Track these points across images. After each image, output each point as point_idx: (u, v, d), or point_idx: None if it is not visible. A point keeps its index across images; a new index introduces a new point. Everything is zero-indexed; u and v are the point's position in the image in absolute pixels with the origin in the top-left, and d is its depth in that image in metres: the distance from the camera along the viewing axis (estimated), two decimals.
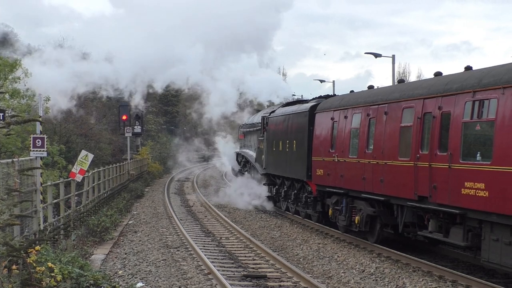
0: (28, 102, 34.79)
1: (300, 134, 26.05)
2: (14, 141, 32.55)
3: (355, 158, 20.70)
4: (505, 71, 14.36)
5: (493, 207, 14.03)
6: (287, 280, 16.09)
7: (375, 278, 16.42)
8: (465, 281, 15.25)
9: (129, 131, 53.05)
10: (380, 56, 40.61)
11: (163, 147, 77.01)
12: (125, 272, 17.02)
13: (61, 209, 22.25)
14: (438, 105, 16.29)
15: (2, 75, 37.54)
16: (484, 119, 14.61)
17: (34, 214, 17.91)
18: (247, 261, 18.67)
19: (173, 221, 27.59)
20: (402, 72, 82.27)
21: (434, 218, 16.69)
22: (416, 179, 16.99)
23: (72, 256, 15.21)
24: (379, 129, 19.28)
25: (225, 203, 35.63)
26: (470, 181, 14.72)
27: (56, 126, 46.17)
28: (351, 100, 22.05)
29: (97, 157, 45.16)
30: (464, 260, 17.96)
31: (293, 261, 19.00)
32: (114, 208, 28.95)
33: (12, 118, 13.21)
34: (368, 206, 19.99)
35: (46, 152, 19.21)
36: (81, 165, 22.75)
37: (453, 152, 15.40)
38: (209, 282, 15.70)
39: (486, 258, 14.59)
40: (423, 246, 19.91)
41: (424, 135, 16.93)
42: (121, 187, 40.11)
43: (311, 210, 25.59)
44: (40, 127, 19.80)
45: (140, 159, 60.53)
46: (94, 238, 21.73)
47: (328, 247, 21.03)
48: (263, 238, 23.36)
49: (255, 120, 37.33)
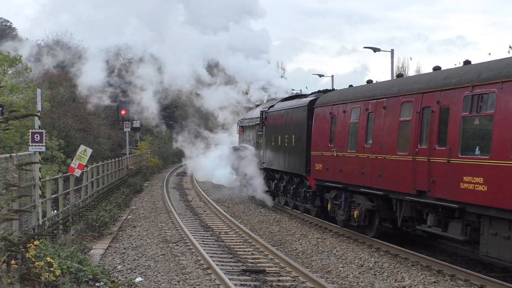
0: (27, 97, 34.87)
1: (299, 129, 26.03)
2: (13, 136, 32.57)
3: (354, 153, 20.70)
4: (504, 65, 14.35)
5: (491, 201, 14.03)
6: (286, 275, 16.10)
7: (374, 272, 16.44)
8: (464, 275, 15.27)
9: (128, 125, 53.08)
10: (379, 51, 40.54)
11: (162, 142, 76.97)
12: (124, 267, 17.03)
13: (60, 204, 22.25)
14: (437, 99, 16.28)
15: (2, 69, 37.55)
16: (483, 113, 14.61)
17: (33, 209, 17.90)
18: (246, 256, 18.68)
19: (172, 215, 27.60)
20: (401, 67, 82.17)
21: (433, 212, 16.70)
22: (415, 173, 16.99)
23: (71, 251, 15.20)
24: (378, 123, 19.27)
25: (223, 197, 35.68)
26: (468, 176, 14.72)
27: (55, 121, 46.17)
28: (350, 95, 22.04)
29: (96, 152, 45.19)
30: (463, 254, 17.97)
31: (292, 255, 19.01)
32: (113, 203, 28.95)
33: (10, 113, 13.19)
34: (367, 200, 20.00)
35: (45, 146, 19.19)
36: (80, 160, 22.73)
37: (452, 147, 15.40)
38: (208, 277, 15.71)
39: (484, 252, 14.60)
40: (421, 241, 19.92)
41: (423, 129, 16.93)
42: (120, 182, 40.12)
43: (310, 205, 25.59)
44: (39, 121, 19.77)
45: (139, 154, 60.57)
46: (93, 233, 21.73)
47: (327, 241, 21.04)
48: (262, 233, 23.38)
49: (254, 114, 37.30)
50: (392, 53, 40.23)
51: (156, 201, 34.27)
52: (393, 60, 40.57)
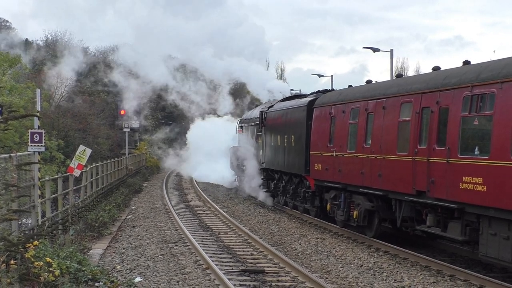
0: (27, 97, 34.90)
1: (298, 129, 26.03)
2: (12, 136, 32.58)
3: (353, 153, 20.70)
4: (503, 66, 14.36)
5: (491, 201, 14.03)
6: (285, 275, 16.10)
7: (373, 272, 16.44)
8: (463, 276, 15.27)
9: (127, 126, 53.08)
10: (378, 51, 40.55)
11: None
12: (123, 267, 17.02)
13: (59, 204, 22.24)
14: (436, 99, 16.29)
15: (1, 70, 37.54)
16: (482, 114, 14.61)
17: (32, 209, 17.88)
18: (245, 256, 18.67)
19: (171, 215, 27.60)
20: (400, 67, 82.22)
21: (432, 212, 16.70)
22: (414, 173, 16.99)
23: (70, 251, 15.20)
24: (377, 123, 19.27)
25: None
26: (468, 176, 14.72)
27: (54, 121, 46.15)
28: (349, 95, 22.04)
29: (95, 152, 45.15)
30: (462, 255, 17.97)
31: (291, 255, 19.01)
32: (112, 203, 28.93)
33: (10, 113, 13.17)
34: (366, 200, 20.00)
35: (44, 147, 19.19)
36: (79, 160, 22.74)
37: (451, 147, 15.40)
38: (207, 277, 15.71)
39: (484, 253, 14.60)
40: (421, 241, 19.92)
41: (422, 129, 16.93)
42: (120, 182, 40.10)
43: (309, 205, 25.59)
44: (38, 122, 19.77)
45: (139, 154, 60.56)
46: (92, 233, 21.72)
47: (326, 241, 21.04)
48: (261, 233, 23.37)
49: (254, 114, 37.31)
50: (391, 53, 40.25)
51: (155, 201, 34.26)
52: (393, 60, 40.62)
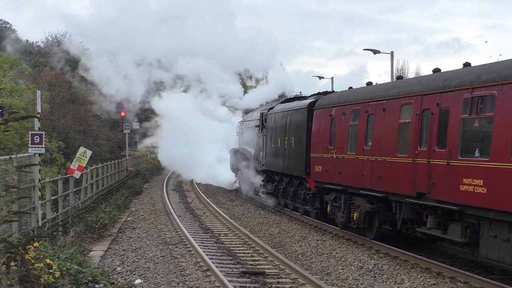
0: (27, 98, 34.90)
1: (298, 131, 26.03)
2: (13, 138, 32.61)
3: (354, 155, 20.69)
4: (503, 67, 14.35)
5: (491, 203, 14.03)
6: (286, 277, 16.09)
7: (373, 274, 16.43)
8: (463, 278, 15.27)
9: (127, 127, 53.10)
10: (378, 53, 40.57)
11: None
12: (124, 268, 17.01)
13: (59, 205, 22.24)
14: (437, 101, 16.29)
15: (2, 72, 37.56)
16: (483, 116, 14.60)
17: (32, 210, 17.88)
18: (246, 258, 18.66)
19: (171, 217, 27.59)
20: (401, 69, 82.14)
21: (433, 214, 16.70)
22: (415, 175, 16.99)
23: (71, 252, 15.19)
24: (378, 125, 19.27)
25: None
26: (468, 178, 14.72)
27: (55, 123, 46.20)
28: (350, 97, 22.04)
29: (96, 154, 45.21)
30: (463, 257, 17.97)
31: (291, 257, 19.00)
32: (113, 205, 28.94)
33: (10, 114, 13.17)
34: (367, 202, 19.99)
35: (44, 148, 19.20)
36: (79, 162, 22.74)
37: (451, 149, 15.40)
38: (208, 279, 15.70)
39: (484, 255, 14.59)
40: (421, 243, 19.91)
41: (423, 131, 16.93)
42: (120, 184, 40.10)
43: (310, 207, 25.58)
44: (39, 123, 19.78)
45: (139, 156, 60.58)
46: (92, 234, 21.71)
47: (326, 243, 21.04)
48: (261, 235, 23.37)
49: (254, 116, 37.33)
50: (392, 55, 40.27)
51: (155, 203, 34.25)
52: (393, 62, 40.64)
